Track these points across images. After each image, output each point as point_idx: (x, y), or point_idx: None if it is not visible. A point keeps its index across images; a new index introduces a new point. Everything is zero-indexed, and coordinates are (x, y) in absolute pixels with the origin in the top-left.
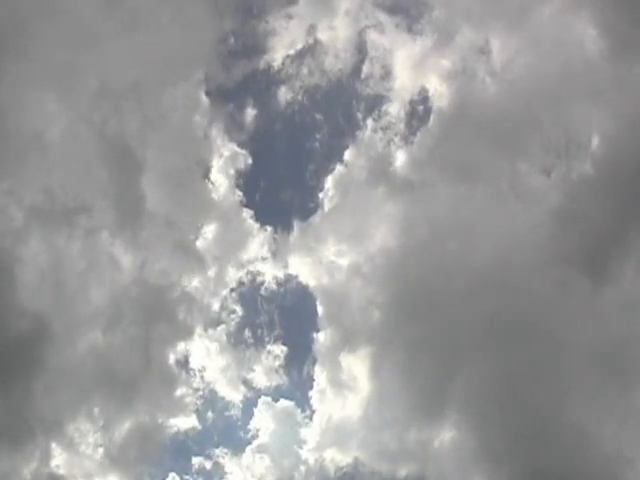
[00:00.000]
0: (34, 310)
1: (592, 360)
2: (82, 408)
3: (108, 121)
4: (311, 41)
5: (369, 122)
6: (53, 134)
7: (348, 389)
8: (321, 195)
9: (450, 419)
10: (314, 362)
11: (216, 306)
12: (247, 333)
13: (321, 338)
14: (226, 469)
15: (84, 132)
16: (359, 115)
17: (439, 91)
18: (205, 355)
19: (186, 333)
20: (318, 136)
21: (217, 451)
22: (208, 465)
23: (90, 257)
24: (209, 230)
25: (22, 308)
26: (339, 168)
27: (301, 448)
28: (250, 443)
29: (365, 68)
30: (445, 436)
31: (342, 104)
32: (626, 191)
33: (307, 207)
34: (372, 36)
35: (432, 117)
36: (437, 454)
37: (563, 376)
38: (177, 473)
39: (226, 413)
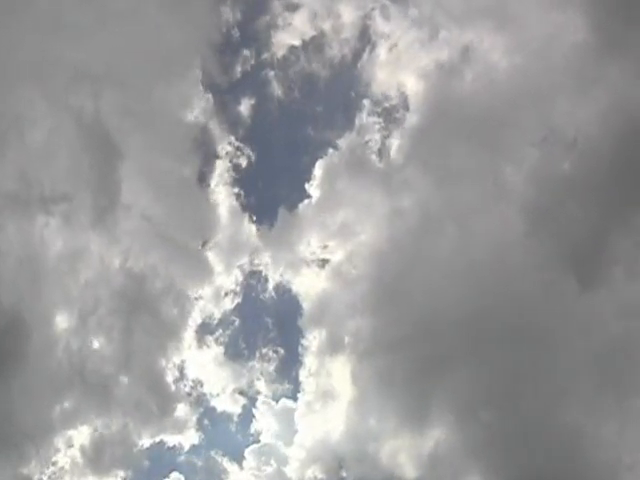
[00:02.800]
0: (8, 304)
1: (587, 362)
2: (60, 410)
3: (93, 111)
4: (312, 32)
5: (364, 115)
6: (32, 121)
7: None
8: (308, 187)
9: (443, 425)
10: (300, 369)
11: (203, 303)
12: (226, 338)
13: (307, 345)
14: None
15: (66, 121)
16: (354, 108)
17: (435, 85)
18: (193, 358)
19: (171, 329)
20: (312, 128)
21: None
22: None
23: (67, 248)
24: (198, 226)
25: None
26: (333, 161)
27: (284, 466)
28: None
29: (363, 60)
30: (439, 442)
31: (339, 96)
32: (610, 189)
33: (296, 202)
34: (372, 27)
35: (426, 112)
36: (431, 461)
37: (558, 379)
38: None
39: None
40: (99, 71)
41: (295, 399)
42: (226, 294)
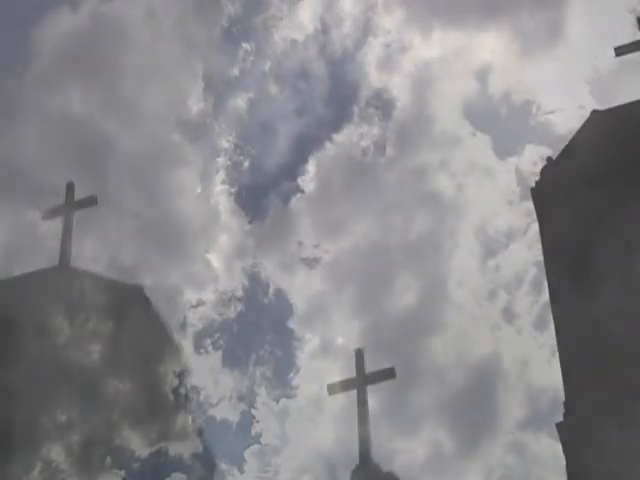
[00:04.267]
0: None
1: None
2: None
3: (86, 106)
4: (312, 28)
5: (362, 112)
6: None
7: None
8: (301, 181)
9: (438, 428)
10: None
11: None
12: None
13: (301, 348)
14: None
15: (56, 114)
16: (352, 104)
17: (432, 83)
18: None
19: (169, 333)
20: (310, 123)
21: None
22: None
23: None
24: (195, 225)
25: None
26: (330, 156)
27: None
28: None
29: (361, 56)
30: (434, 446)
31: (336, 92)
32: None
33: (291, 198)
34: (372, 22)
35: (423, 109)
36: (427, 465)
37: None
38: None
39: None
40: (93, 64)
41: (291, 401)
42: (224, 298)
